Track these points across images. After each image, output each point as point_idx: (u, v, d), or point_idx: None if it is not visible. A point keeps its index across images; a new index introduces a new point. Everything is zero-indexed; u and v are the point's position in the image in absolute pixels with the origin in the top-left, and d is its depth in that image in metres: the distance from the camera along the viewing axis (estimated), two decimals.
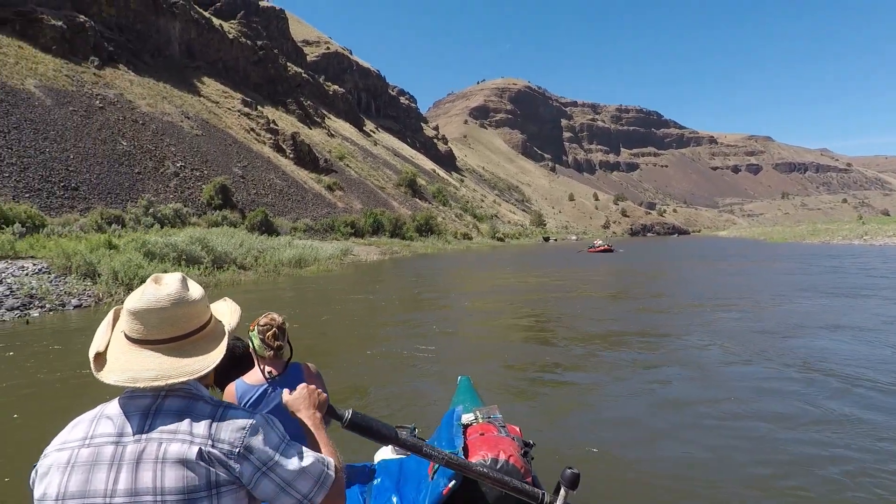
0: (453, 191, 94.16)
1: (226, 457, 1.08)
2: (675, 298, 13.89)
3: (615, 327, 9.91)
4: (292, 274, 17.82)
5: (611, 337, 8.91)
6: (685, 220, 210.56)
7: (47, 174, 27.03)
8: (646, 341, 8.54)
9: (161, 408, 1.12)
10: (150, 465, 1.05)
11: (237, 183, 38.53)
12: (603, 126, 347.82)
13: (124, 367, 1.13)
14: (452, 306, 12.66)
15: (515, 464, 2.14)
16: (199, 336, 1.21)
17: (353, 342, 8.74)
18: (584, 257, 36.66)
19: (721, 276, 20.34)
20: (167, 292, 1.18)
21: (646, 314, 11.45)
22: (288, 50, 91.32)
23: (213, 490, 1.07)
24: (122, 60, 47.24)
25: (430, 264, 29.24)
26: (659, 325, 10.07)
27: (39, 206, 24.51)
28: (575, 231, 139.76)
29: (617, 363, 7.17)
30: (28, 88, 33.93)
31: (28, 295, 9.98)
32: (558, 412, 5.23)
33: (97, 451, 1.07)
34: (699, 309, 11.82)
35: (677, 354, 7.67)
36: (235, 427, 1.12)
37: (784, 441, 4.39)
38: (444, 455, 1.61)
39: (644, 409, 5.23)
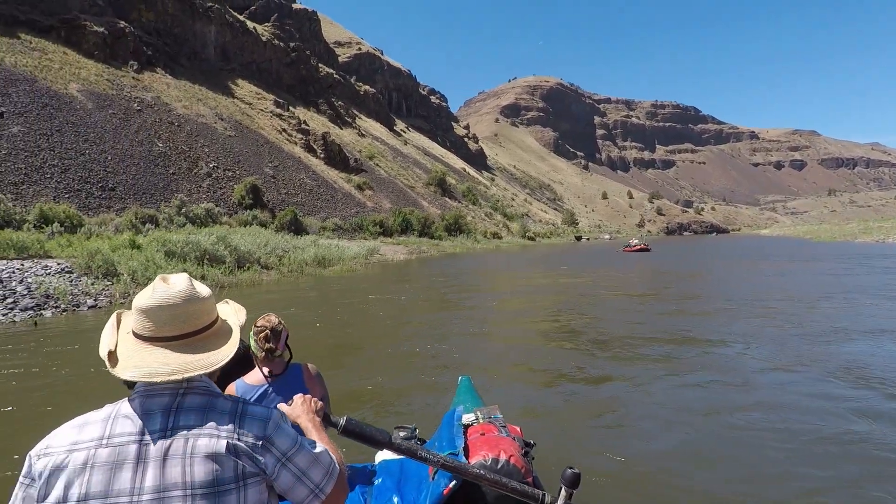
0: (483, 190, 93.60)
1: (251, 449, 1.13)
2: (711, 300, 13.20)
3: (644, 330, 9.47)
4: (315, 274, 17.72)
5: (638, 339, 8.52)
6: (724, 218, 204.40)
7: (86, 175, 27.87)
8: (675, 344, 8.09)
9: (182, 405, 1.14)
10: (178, 461, 1.07)
11: (268, 183, 39.04)
12: (637, 122, 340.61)
13: (138, 363, 1.15)
14: (476, 307, 12.31)
15: (516, 464, 2.11)
16: (209, 333, 1.24)
17: (371, 342, 8.51)
18: (619, 257, 35.70)
19: (762, 276, 19.35)
20: (178, 289, 1.20)
21: (678, 316, 10.88)
22: (320, 51, 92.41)
23: (241, 482, 1.10)
24: (159, 64, 48.54)
25: (457, 264, 28.91)
26: (691, 327, 9.59)
27: (78, 206, 25.28)
28: (608, 230, 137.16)
29: (640, 367, 6.86)
30: (71, 93, 35.14)
31: (44, 295, 9.99)
32: (572, 414, 5.11)
33: (118, 450, 1.08)
34: (736, 311, 11.18)
35: (706, 358, 7.23)
36: (257, 420, 1.16)
37: (809, 454, 4.07)
38: (439, 458, 1.61)
39: (661, 414, 5.02)
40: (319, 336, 8.95)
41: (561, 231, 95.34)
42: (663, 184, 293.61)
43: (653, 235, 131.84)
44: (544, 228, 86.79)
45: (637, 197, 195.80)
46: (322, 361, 7.46)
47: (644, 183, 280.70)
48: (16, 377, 6.18)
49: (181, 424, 1.12)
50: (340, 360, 7.47)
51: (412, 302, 13.00)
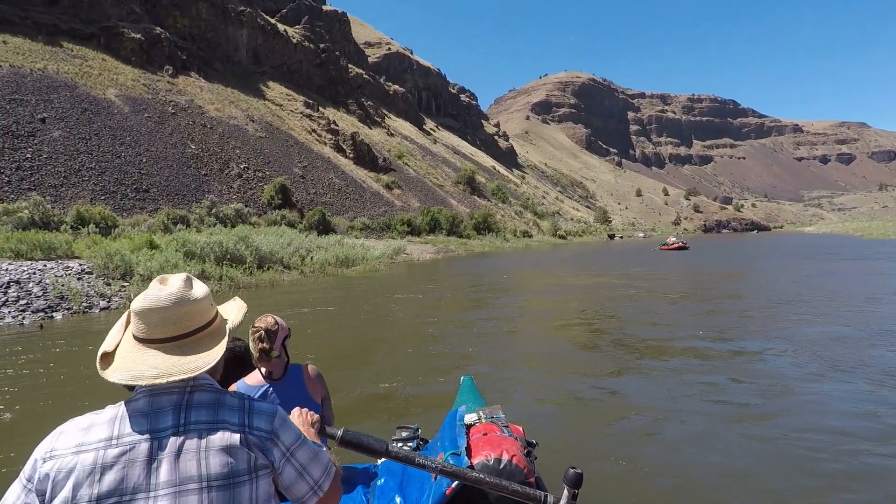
0: (513, 188, 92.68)
1: (261, 442, 1.16)
2: (750, 301, 12.47)
3: (674, 331, 9.02)
4: (338, 274, 17.58)
5: (666, 341, 8.15)
6: (765, 215, 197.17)
7: (121, 177, 28.61)
8: (707, 347, 7.72)
9: (192, 402, 1.16)
10: (193, 455, 1.10)
11: (297, 183, 39.39)
12: (673, 117, 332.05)
13: (128, 365, 1.17)
14: (499, 307, 11.89)
15: (518, 464, 2.09)
16: (203, 335, 1.24)
17: (384, 343, 8.25)
18: (655, 256, 34.59)
19: (806, 276, 18.26)
20: (168, 292, 1.21)
21: (713, 318, 10.32)
22: (350, 52, 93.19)
23: (254, 474, 1.13)
24: (193, 68, 49.66)
25: (484, 263, 28.46)
26: (726, 329, 9.09)
27: (113, 208, 25.94)
28: (642, 228, 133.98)
29: (666, 370, 6.59)
30: (109, 98, 36.21)
31: (58, 296, 9.91)
32: (584, 416, 5.07)
33: (129, 449, 1.09)
34: (776, 313, 10.55)
35: (737, 362, 6.87)
36: (265, 415, 1.20)
37: (844, 472, 3.81)
38: (438, 464, 1.61)
39: (680, 420, 4.87)
40: (331, 337, 8.72)
41: (593, 229, 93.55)
42: (700, 180, 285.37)
43: (689, 233, 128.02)
44: (576, 227, 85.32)
45: (673, 194, 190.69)
46: (333, 362, 7.25)
47: (680, 179, 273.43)
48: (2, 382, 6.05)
49: (193, 420, 1.14)
50: (351, 361, 7.29)
51: (432, 302, 12.68)
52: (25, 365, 6.77)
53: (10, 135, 27.22)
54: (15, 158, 25.88)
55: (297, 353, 7.29)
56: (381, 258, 22.02)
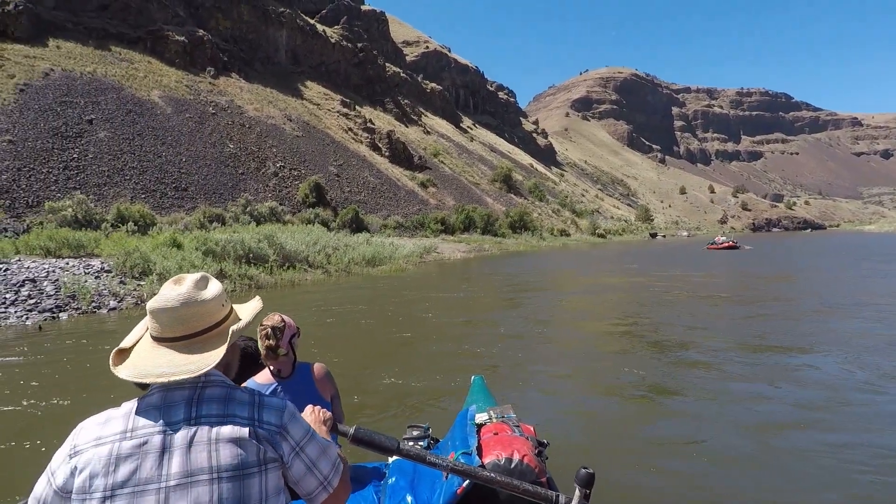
0: (551, 186, 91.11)
1: (270, 435, 1.19)
2: (802, 303, 11.71)
3: (714, 334, 8.53)
4: (363, 273, 17.35)
5: (703, 344, 7.78)
6: (820, 213, 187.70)
7: (161, 176, 29.33)
8: (746, 351, 7.37)
9: (203, 397, 1.19)
10: (203, 447, 1.13)
11: (332, 181, 39.61)
12: (720, 112, 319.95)
13: (138, 363, 1.21)
14: (524, 309, 11.31)
15: (530, 463, 2.08)
16: (211, 335, 1.26)
17: (404, 343, 7.84)
18: (701, 255, 33.07)
19: (865, 277, 16.86)
20: (177, 293, 1.24)
21: (760, 321, 9.65)
22: (388, 51, 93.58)
23: (263, 466, 1.16)
24: (234, 69, 50.74)
25: (518, 263, 27.78)
26: (771, 333, 8.52)
27: (152, 206, 26.58)
28: (686, 226, 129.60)
29: (698, 373, 6.38)
30: (153, 99, 37.31)
31: (69, 295, 9.75)
32: (605, 418, 4.96)
33: (143, 441, 1.13)
34: (828, 316, 9.89)
35: (778, 368, 6.55)
36: (275, 409, 1.23)
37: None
38: (448, 463, 1.62)
39: (709, 424, 4.72)
40: (344, 337, 8.37)
41: (634, 228, 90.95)
42: (749, 177, 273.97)
43: (737, 232, 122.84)
44: (616, 225, 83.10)
45: (719, 191, 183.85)
46: (344, 361, 6.89)
47: (727, 176, 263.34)
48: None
49: (204, 413, 1.17)
50: (363, 361, 7.01)
51: (454, 303, 12.20)
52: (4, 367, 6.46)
53: (59, 136, 28.29)
54: (63, 158, 26.87)
55: (315, 353, 7.00)
56: (410, 257, 21.66)
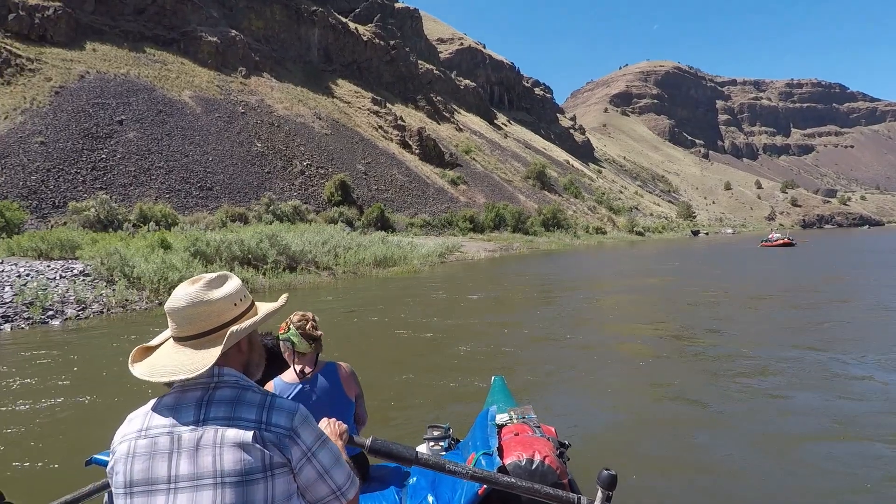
0: (588, 182, 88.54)
1: (279, 440, 1.16)
2: (868, 306, 10.01)
3: (755, 339, 7.96)
4: (373, 275, 16.38)
5: (741, 349, 7.40)
6: (877, 208, 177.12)
7: (187, 175, 29.31)
8: (790, 358, 6.93)
9: (213, 398, 1.18)
10: (209, 450, 1.12)
11: (359, 179, 39.07)
12: (768, 105, 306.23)
13: (153, 362, 1.23)
14: (545, 315, 10.13)
15: (551, 464, 2.07)
16: (220, 334, 1.24)
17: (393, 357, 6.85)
18: (752, 254, 30.88)
19: None
20: (186, 292, 1.24)
21: (811, 327, 8.77)
22: (421, 48, 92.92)
23: (269, 472, 1.13)
24: (266, 69, 50.93)
25: (546, 263, 26.42)
26: (821, 340, 7.99)
27: (176, 206, 26.51)
28: (731, 224, 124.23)
29: (732, 379, 6.13)
30: (184, 99, 37.60)
31: (26, 302, 8.83)
32: (629, 421, 4.89)
33: (154, 441, 1.15)
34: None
35: (823, 375, 6.19)
36: (285, 412, 1.19)
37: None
38: (468, 470, 1.61)
39: (737, 430, 4.64)
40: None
41: (675, 225, 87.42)
42: (799, 171, 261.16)
43: (786, 229, 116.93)
44: (655, 222, 79.95)
45: (767, 187, 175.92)
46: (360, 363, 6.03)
47: (775, 171, 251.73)
48: None
49: (212, 416, 1.15)
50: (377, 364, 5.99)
51: (461, 310, 11.10)
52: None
53: (90, 136, 28.62)
54: (91, 159, 27.12)
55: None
56: (429, 257, 20.56)
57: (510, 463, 2.07)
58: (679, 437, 4.48)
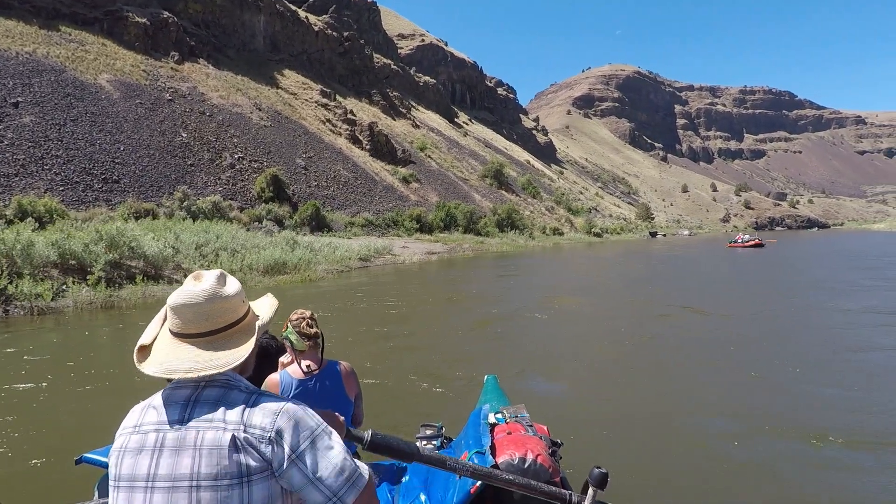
0: (547, 182, 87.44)
1: (258, 441, 1.10)
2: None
3: (748, 341, 7.05)
4: (258, 284, 13.22)
5: (725, 347, 7.48)
6: (823, 211, 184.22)
7: (90, 166, 25.83)
8: (776, 356, 7.00)
9: (199, 397, 1.17)
10: (189, 452, 1.11)
11: (297, 174, 36.10)
12: (723, 110, 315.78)
13: (163, 359, 1.20)
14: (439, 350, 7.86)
15: (543, 463, 2.08)
16: (234, 330, 1.24)
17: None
18: (718, 257, 29.61)
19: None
20: (201, 288, 1.22)
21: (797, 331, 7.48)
22: (378, 42, 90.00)
23: (245, 478, 1.09)
24: (203, 55, 47.20)
25: (489, 268, 24.26)
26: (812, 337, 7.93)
27: (71, 199, 23.13)
28: (688, 225, 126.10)
29: (716, 375, 6.30)
30: (99, 83, 33.79)
31: None
32: (618, 418, 4.93)
33: (143, 437, 1.15)
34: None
35: (828, 371, 6.35)
36: (267, 411, 1.14)
37: None
38: (468, 467, 1.60)
39: (725, 424, 4.83)
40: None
41: (634, 226, 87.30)
42: (752, 175, 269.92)
43: (740, 231, 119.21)
44: (614, 224, 79.42)
45: (722, 189, 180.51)
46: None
47: (730, 175, 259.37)
48: None
49: (195, 416, 1.13)
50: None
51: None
52: None
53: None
54: None
55: None
56: (345, 261, 17.81)
57: (503, 461, 2.04)
58: (671, 435, 4.56)
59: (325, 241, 20.31)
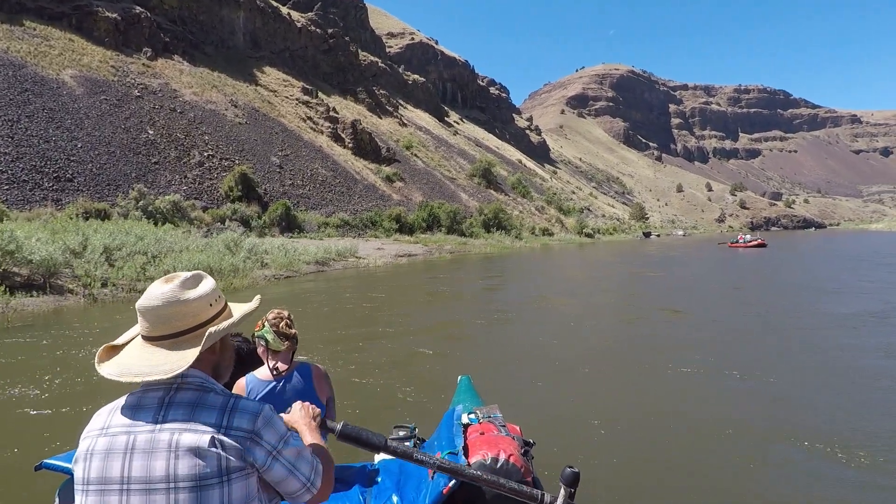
0: (539, 182, 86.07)
1: (239, 443, 1.14)
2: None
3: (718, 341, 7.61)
4: None
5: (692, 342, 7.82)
6: (819, 211, 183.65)
7: (42, 164, 24.28)
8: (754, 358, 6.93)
9: (174, 400, 1.16)
10: (163, 455, 1.10)
11: (271, 173, 34.58)
12: (718, 109, 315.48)
13: (121, 362, 1.20)
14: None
15: (515, 463, 2.08)
16: (196, 335, 1.22)
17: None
18: (720, 259, 28.35)
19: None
20: (161, 291, 1.22)
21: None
22: (366, 40, 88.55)
23: (224, 477, 1.11)
24: (178, 51, 45.63)
25: (465, 270, 22.79)
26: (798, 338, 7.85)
27: (15, 199, 21.60)
28: (683, 226, 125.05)
29: (687, 370, 6.34)
30: (62, 78, 32.22)
31: None
32: (589, 417, 4.89)
33: (112, 440, 1.13)
34: None
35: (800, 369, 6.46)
36: (248, 415, 1.17)
37: None
38: (436, 461, 1.61)
39: (695, 422, 4.80)
40: None
41: (626, 227, 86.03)
42: (747, 175, 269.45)
43: (735, 232, 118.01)
44: (607, 224, 78.09)
45: (717, 189, 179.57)
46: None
47: (725, 174, 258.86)
48: None
49: (169, 419, 1.12)
50: None
51: None
52: None
53: None
54: None
55: None
56: (293, 265, 16.16)
57: (475, 462, 2.05)
58: (642, 434, 4.56)
59: (279, 243, 18.72)
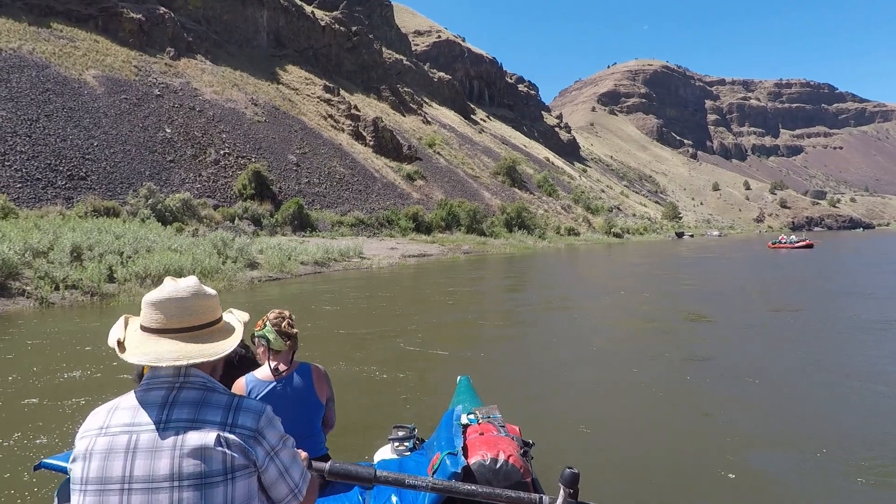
0: (566, 180, 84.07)
1: (244, 441, 1.16)
2: None
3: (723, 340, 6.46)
4: (132, 298, 10.72)
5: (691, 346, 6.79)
6: (867, 210, 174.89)
7: (56, 162, 24.35)
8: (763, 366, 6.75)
9: (178, 398, 1.17)
10: (167, 453, 1.11)
11: (287, 171, 34.23)
12: (757, 105, 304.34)
13: (146, 350, 1.20)
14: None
15: (515, 464, 2.08)
16: (214, 329, 1.28)
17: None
18: (756, 262, 26.70)
19: None
20: (187, 284, 1.27)
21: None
22: (391, 38, 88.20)
23: (229, 475, 1.12)
24: (200, 51, 45.92)
25: (478, 271, 21.74)
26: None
27: (27, 197, 21.63)
28: (718, 225, 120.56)
29: (699, 383, 6.06)
30: (84, 78, 32.57)
31: None
32: (590, 419, 4.86)
33: (112, 440, 1.13)
34: None
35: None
36: (252, 413, 1.20)
37: None
38: (428, 482, 1.62)
39: (690, 424, 4.79)
40: None
41: (658, 227, 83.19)
42: (788, 173, 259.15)
43: (775, 232, 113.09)
44: (636, 223, 75.62)
45: (755, 188, 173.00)
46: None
47: (764, 172, 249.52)
48: None
49: (174, 418, 1.13)
50: None
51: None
52: None
53: None
54: None
55: None
56: (285, 267, 15.30)
57: (474, 462, 2.05)
58: (643, 436, 4.54)
59: (275, 243, 18.03)
